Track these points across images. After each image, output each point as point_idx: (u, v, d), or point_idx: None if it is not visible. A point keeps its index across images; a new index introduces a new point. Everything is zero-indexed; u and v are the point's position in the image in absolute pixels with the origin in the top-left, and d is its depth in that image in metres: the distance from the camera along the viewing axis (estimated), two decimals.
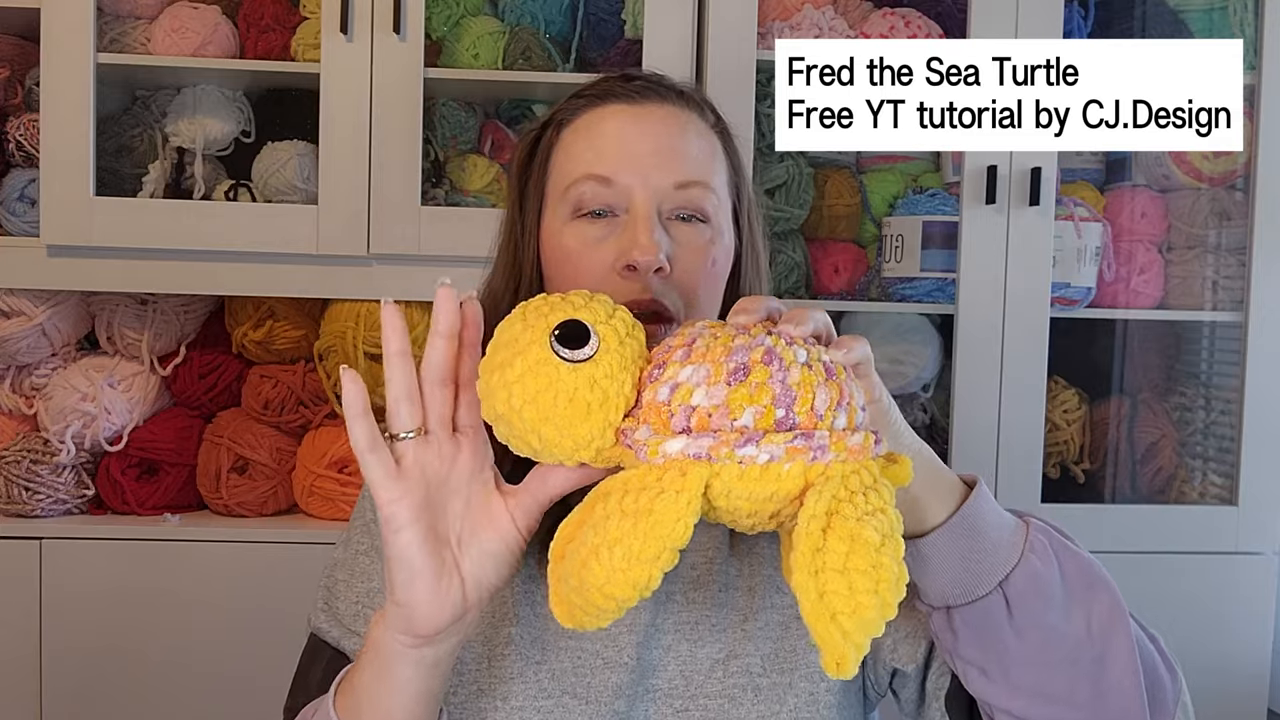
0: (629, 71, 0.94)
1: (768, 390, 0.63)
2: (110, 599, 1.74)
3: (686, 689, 0.86)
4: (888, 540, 0.61)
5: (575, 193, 0.87)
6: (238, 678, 1.75)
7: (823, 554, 0.60)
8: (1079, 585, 0.78)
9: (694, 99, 0.92)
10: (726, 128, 0.94)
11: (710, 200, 0.87)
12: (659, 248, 0.83)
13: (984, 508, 0.75)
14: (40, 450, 1.81)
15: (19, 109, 1.87)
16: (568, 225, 0.87)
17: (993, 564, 0.74)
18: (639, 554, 0.61)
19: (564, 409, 0.65)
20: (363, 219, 1.75)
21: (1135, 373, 2.07)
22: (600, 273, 0.85)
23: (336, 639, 0.88)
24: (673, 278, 0.84)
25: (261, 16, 1.83)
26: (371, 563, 0.91)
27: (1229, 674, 1.89)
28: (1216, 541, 1.90)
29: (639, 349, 0.68)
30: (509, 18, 1.87)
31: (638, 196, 0.85)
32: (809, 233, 1.94)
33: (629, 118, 0.88)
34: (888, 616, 0.59)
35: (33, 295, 1.82)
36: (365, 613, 0.88)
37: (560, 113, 0.92)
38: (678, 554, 0.62)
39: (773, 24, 1.87)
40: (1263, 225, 1.88)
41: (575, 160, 0.88)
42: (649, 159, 0.86)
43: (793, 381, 0.63)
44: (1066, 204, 1.89)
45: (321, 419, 1.88)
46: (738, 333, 0.66)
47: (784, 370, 0.64)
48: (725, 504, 0.64)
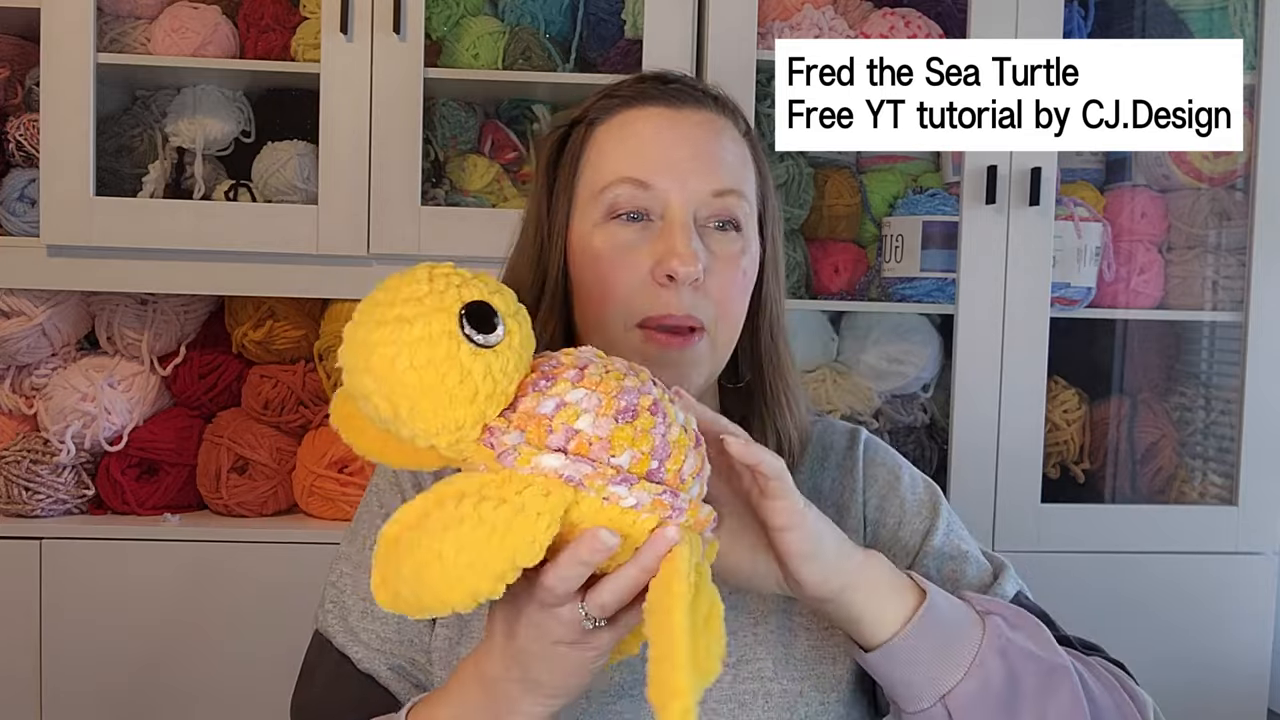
0: (663, 73, 0.92)
1: (649, 439, 0.64)
2: (110, 599, 1.74)
3: None
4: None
5: (610, 195, 0.85)
6: (238, 677, 1.75)
7: (695, 609, 0.61)
8: (1032, 689, 0.77)
9: (728, 105, 0.91)
10: (753, 134, 0.93)
11: (743, 209, 0.86)
12: (698, 257, 0.82)
13: (938, 616, 0.76)
14: (40, 450, 1.81)
15: (19, 109, 1.87)
16: (599, 228, 0.85)
17: (936, 676, 0.75)
18: (485, 567, 0.59)
19: (451, 388, 0.62)
20: (363, 219, 1.75)
21: (1135, 373, 2.07)
22: (635, 279, 0.83)
23: (343, 644, 0.88)
24: (706, 287, 0.83)
25: (261, 16, 1.83)
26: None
27: (1229, 674, 1.89)
28: (1216, 541, 1.90)
29: (528, 355, 0.67)
30: (509, 18, 1.87)
31: (675, 202, 0.84)
32: (809, 233, 1.94)
33: (666, 121, 0.87)
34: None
35: (33, 295, 1.82)
36: (373, 609, 0.88)
37: (592, 110, 0.90)
38: (520, 571, 0.61)
39: (773, 24, 1.87)
40: (1262, 225, 1.88)
41: (610, 161, 0.87)
42: (687, 164, 0.85)
43: (671, 439, 0.65)
44: (1066, 204, 1.89)
45: (321, 419, 1.88)
46: (628, 373, 0.66)
47: (666, 425, 0.65)
48: (573, 535, 0.63)
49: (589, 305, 0.86)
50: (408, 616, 0.64)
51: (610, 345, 0.83)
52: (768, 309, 0.91)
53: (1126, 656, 0.88)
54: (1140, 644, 1.86)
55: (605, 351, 0.75)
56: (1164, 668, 1.87)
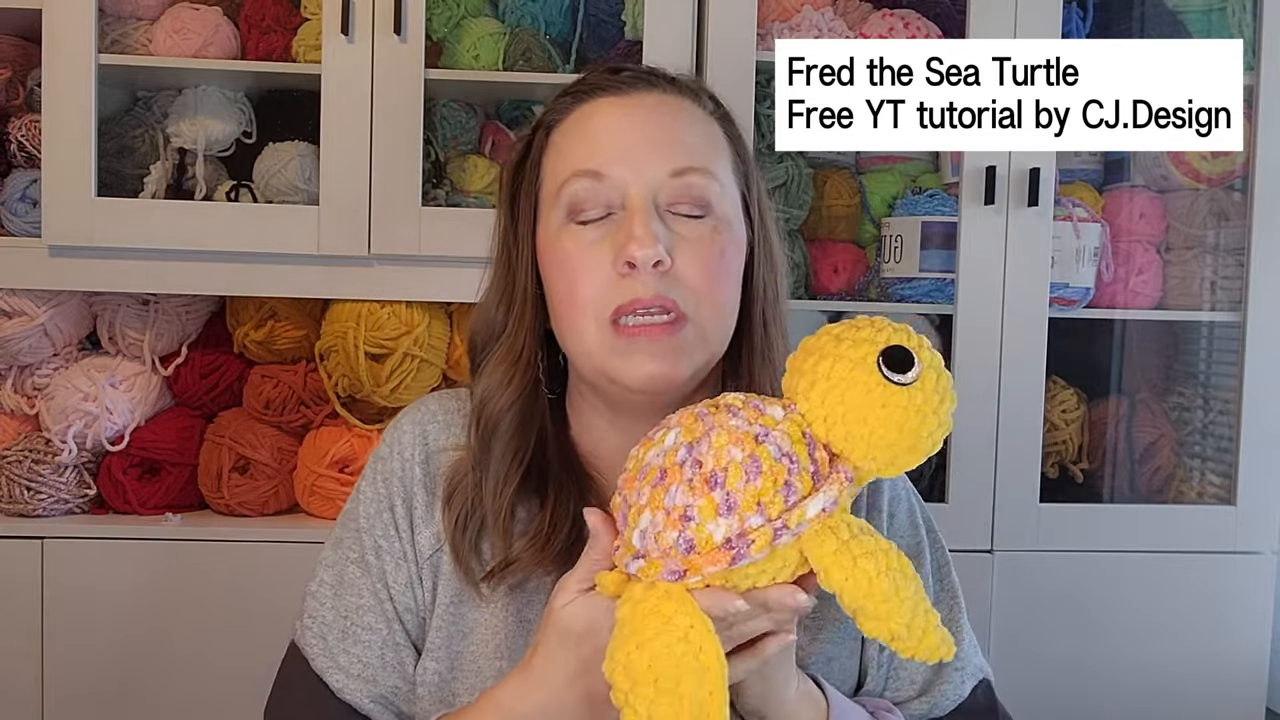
0: (615, 64, 0.90)
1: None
2: (112, 598, 1.74)
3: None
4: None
5: (568, 192, 0.83)
6: (239, 677, 1.74)
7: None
8: None
9: (688, 86, 0.88)
10: (728, 113, 0.90)
11: (712, 188, 0.83)
12: (656, 239, 0.79)
13: None
14: (42, 450, 1.81)
15: (21, 110, 1.87)
16: (564, 231, 0.83)
17: None
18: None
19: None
20: (363, 219, 1.75)
21: (1134, 373, 2.07)
22: (601, 275, 0.81)
23: (322, 670, 0.86)
24: (677, 272, 0.80)
25: (262, 18, 1.83)
26: (361, 574, 0.88)
27: (1227, 674, 1.89)
28: (1215, 541, 1.90)
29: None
30: (509, 19, 1.88)
31: (632, 189, 0.81)
32: (808, 233, 1.95)
33: (618, 109, 0.85)
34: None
35: (34, 295, 1.82)
36: (354, 632, 0.87)
37: (548, 115, 0.89)
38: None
39: (773, 25, 1.87)
40: (1261, 225, 1.89)
41: (566, 159, 0.85)
42: (641, 149, 0.82)
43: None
44: (1065, 204, 1.90)
45: (323, 419, 1.88)
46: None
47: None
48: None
49: (562, 311, 0.84)
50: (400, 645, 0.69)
51: (590, 349, 0.82)
52: (759, 297, 0.88)
53: (1125, 656, 0.89)
54: (1139, 644, 1.87)
55: (587, 357, 0.80)
56: (1162, 667, 1.88)
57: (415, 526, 0.88)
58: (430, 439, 0.91)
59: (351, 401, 1.88)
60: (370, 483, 0.91)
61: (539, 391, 0.88)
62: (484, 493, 0.85)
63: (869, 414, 0.68)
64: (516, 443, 0.86)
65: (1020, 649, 1.84)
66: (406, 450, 0.90)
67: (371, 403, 1.86)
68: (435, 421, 0.91)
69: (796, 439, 0.68)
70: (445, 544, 0.87)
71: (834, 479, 0.68)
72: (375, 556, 0.88)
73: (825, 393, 0.69)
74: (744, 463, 0.67)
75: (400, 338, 1.81)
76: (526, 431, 0.86)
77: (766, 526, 0.66)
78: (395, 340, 1.81)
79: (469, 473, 0.86)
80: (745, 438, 0.68)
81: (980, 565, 1.84)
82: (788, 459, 0.67)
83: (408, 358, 1.81)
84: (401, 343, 1.81)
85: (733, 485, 0.66)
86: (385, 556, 0.88)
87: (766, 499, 0.66)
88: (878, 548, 0.66)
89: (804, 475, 0.67)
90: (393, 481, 0.89)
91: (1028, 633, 1.85)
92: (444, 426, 0.91)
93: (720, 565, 0.66)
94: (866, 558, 0.65)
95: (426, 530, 0.88)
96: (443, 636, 0.86)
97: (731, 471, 0.67)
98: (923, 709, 0.88)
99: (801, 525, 0.66)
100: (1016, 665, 1.82)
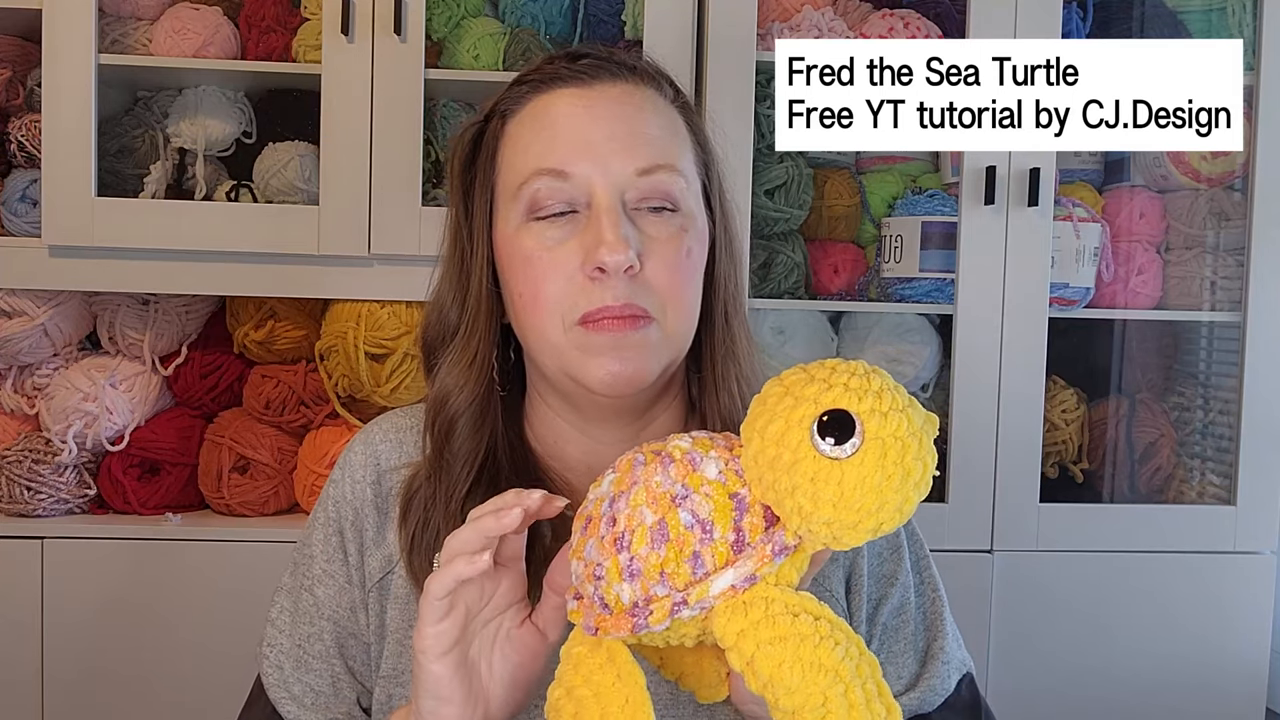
0: (575, 49, 0.85)
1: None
2: (112, 598, 1.74)
3: None
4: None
5: (529, 191, 0.79)
6: (239, 678, 1.74)
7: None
8: None
9: (649, 73, 0.85)
10: (688, 101, 0.87)
11: (678, 184, 0.80)
12: (628, 244, 0.76)
13: None
14: (42, 450, 1.81)
15: (21, 110, 1.87)
16: (524, 228, 0.80)
17: None
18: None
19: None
20: (364, 219, 1.75)
21: (1134, 373, 2.08)
22: (566, 277, 0.78)
23: (276, 699, 0.86)
24: (645, 276, 0.78)
25: (263, 18, 1.83)
26: (312, 602, 0.88)
27: (1228, 674, 1.90)
28: (1215, 541, 1.90)
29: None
30: (509, 19, 1.88)
31: (598, 189, 0.78)
32: (808, 233, 1.95)
33: (580, 101, 0.81)
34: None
35: (34, 295, 1.82)
36: (307, 661, 0.87)
37: (503, 102, 0.84)
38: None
39: (773, 25, 1.87)
40: (1261, 226, 1.89)
41: (525, 154, 0.81)
42: (606, 145, 0.79)
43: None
44: (1065, 204, 1.90)
45: (323, 419, 1.88)
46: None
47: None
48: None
49: (524, 311, 0.81)
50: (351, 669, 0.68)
51: (553, 349, 0.80)
52: (720, 289, 0.85)
53: (1125, 656, 0.88)
54: (1139, 644, 1.87)
55: (550, 357, 0.77)
56: (1163, 667, 1.88)
57: (365, 549, 0.87)
58: (382, 459, 0.89)
59: (351, 401, 1.88)
60: (322, 507, 0.90)
61: (493, 390, 0.85)
62: (438, 499, 0.83)
63: (798, 484, 0.60)
64: (471, 444, 0.84)
65: (1020, 649, 1.84)
66: (357, 472, 0.89)
67: (371, 403, 1.86)
68: (387, 441, 0.90)
69: (720, 504, 0.62)
70: (397, 566, 0.85)
71: (755, 552, 0.61)
72: (325, 583, 0.88)
73: (758, 453, 0.62)
74: (652, 528, 0.62)
75: (400, 338, 1.81)
76: (481, 432, 0.84)
77: (667, 598, 0.62)
78: (395, 340, 1.81)
79: (424, 484, 0.84)
80: (662, 499, 0.63)
81: (980, 565, 1.84)
82: (700, 527, 0.62)
83: (408, 358, 1.81)
84: (401, 343, 1.81)
85: (637, 551, 0.63)
86: (333, 582, 0.88)
87: (670, 569, 0.62)
88: (793, 632, 0.59)
89: (718, 546, 0.62)
90: (343, 505, 0.89)
91: (1028, 633, 1.85)
92: (395, 445, 0.90)
93: (623, 632, 0.63)
94: (776, 643, 0.59)
95: (377, 553, 0.87)
96: (405, 662, 0.85)
97: (638, 536, 0.63)
98: (911, 704, 0.87)
99: (705, 602, 0.61)
100: (1016, 665, 1.83)
